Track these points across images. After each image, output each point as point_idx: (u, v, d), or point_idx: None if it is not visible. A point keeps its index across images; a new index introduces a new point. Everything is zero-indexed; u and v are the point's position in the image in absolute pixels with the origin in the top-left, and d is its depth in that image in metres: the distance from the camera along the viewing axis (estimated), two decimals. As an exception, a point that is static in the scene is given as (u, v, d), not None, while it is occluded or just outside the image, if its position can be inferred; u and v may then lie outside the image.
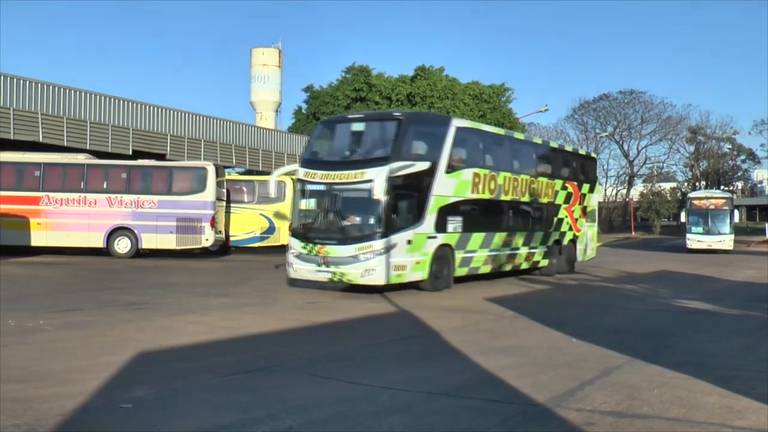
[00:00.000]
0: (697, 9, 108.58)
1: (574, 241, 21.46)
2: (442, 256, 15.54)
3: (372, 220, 14.22)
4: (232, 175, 33.48)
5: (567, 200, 20.84)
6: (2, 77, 24.84)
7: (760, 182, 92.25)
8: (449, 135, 15.80)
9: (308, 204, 15.20)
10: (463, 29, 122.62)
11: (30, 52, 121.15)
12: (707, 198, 39.01)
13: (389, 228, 14.02)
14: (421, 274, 14.91)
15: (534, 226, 19.47)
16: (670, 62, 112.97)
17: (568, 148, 24.59)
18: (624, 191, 75.72)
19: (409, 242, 14.44)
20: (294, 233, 15.08)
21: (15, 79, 25.33)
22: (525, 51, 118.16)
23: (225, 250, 26.67)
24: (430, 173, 15.13)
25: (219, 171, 24.62)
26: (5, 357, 7.71)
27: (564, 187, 20.72)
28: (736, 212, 37.17)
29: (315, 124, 49.37)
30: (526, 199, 18.90)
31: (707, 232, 36.77)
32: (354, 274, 14.01)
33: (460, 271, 16.36)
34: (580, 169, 22.55)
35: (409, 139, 14.78)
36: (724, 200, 38.53)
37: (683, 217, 38.95)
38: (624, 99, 71.33)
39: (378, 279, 13.95)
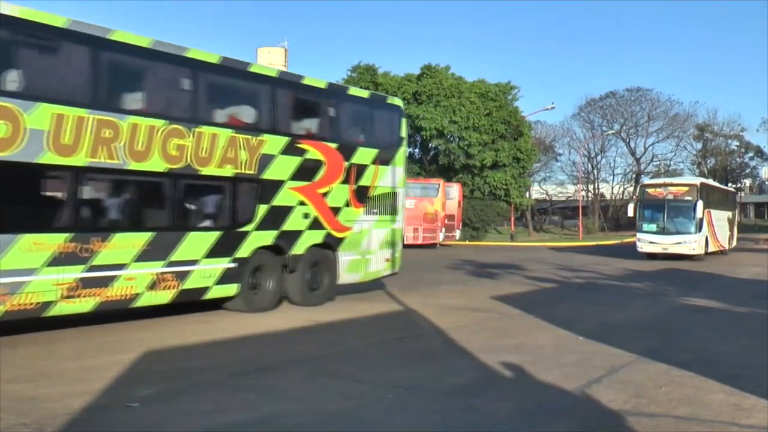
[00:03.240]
0: (704, 6, 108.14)
1: (331, 246, 12.77)
2: None
3: None
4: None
5: (306, 175, 12.17)
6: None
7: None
8: None
9: None
10: (469, 27, 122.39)
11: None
12: (665, 185, 28.91)
13: None
14: None
15: (187, 220, 10.88)
16: (677, 59, 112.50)
17: (317, 82, 12.89)
18: (631, 189, 75.48)
19: None
20: None
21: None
22: (531, 49, 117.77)
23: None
24: None
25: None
26: (12, 356, 7.75)
27: (295, 151, 11.97)
28: (700, 204, 27.28)
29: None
30: (150, 166, 10.07)
31: (662, 231, 27.37)
32: None
33: None
34: (353, 121, 13.94)
35: None
36: (687, 188, 28.05)
37: (631, 211, 29.21)
38: (631, 96, 71.07)
39: None
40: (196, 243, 10.68)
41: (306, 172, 12.27)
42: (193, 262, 10.62)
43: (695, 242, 27.15)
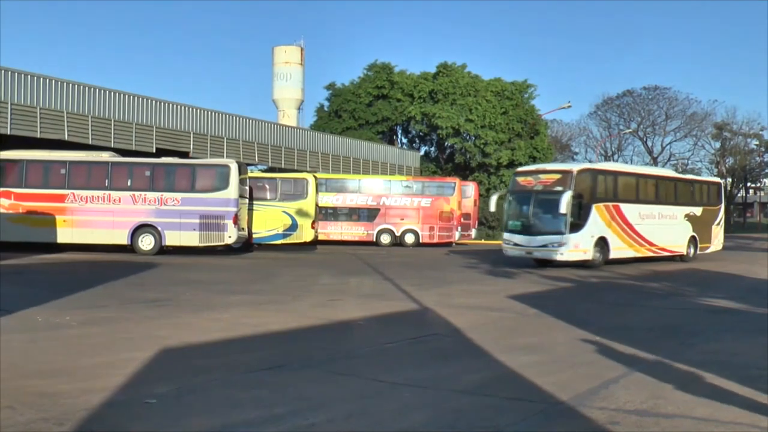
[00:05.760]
0: (723, 4, 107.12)
1: None
2: None
3: None
4: (254, 172, 33.76)
5: None
6: (28, 76, 25.16)
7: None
8: None
9: None
10: (486, 26, 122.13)
11: (54, 51, 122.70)
12: (536, 173, 22.68)
13: None
14: None
15: None
16: (696, 58, 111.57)
17: None
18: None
19: None
20: None
21: (41, 78, 25.64)
22: (548, 48, 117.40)
23: (248, 247, 26.85)
24: None
25: (242, 168, 24.81)
26: (33, 352, 7.84)
27: None
28: (567, 197, 20.52)
29: (337, 121, 49.73)
30: None
31: (526, 230, 21.71)
32: None
33: None
34: None
35: None
36: (558, 176, 21.57)
37: (493, 204, 24.34)
38: (648, 95, 70.77)
39: None
40: None
41: None
42: None
43: (564, 245, 21.07)
